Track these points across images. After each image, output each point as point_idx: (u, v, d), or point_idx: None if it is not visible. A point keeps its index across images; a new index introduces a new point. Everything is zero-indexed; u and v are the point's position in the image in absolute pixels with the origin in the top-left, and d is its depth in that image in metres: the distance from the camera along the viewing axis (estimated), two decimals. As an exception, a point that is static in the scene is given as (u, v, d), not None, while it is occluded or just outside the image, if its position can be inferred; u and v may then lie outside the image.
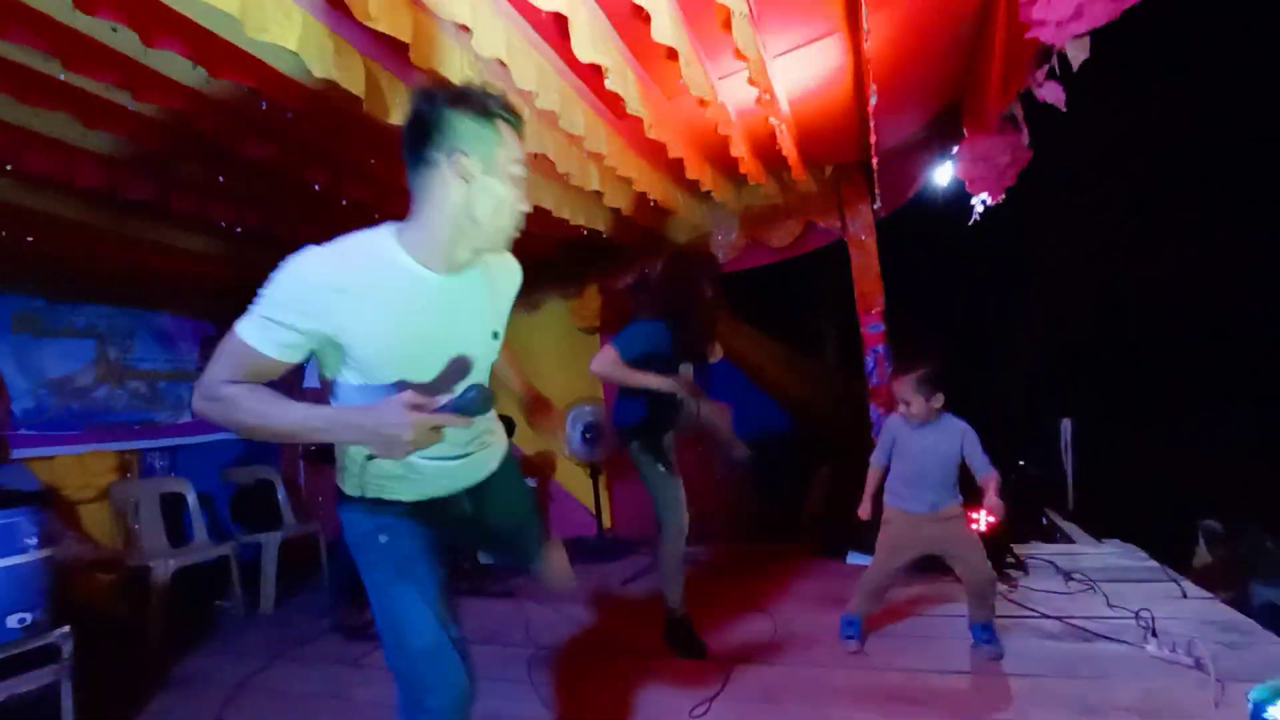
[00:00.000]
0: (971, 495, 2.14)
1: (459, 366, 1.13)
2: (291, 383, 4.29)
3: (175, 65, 1.76)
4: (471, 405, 1.02)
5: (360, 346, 1.03)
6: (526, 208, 1.11)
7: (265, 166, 2.39)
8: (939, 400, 2.09)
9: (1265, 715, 1.32)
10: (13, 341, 3.23)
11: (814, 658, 2.20)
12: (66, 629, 1.83)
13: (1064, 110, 2.08)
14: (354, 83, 1.71)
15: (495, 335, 1.21)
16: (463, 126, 1.01)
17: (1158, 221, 6.58)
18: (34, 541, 1.80)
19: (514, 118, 1.07)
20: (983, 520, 2.57)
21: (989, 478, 2.03)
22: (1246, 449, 5.70)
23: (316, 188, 2.50)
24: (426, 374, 1.10)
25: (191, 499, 3.39)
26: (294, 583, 3.68)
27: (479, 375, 1.19)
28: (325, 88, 1.92)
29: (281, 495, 3.85)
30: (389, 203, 2.79)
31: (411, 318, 1.05)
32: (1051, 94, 2.08)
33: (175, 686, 2.46)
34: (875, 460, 2.25)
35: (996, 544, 2.81)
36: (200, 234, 3.03)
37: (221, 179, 2.44)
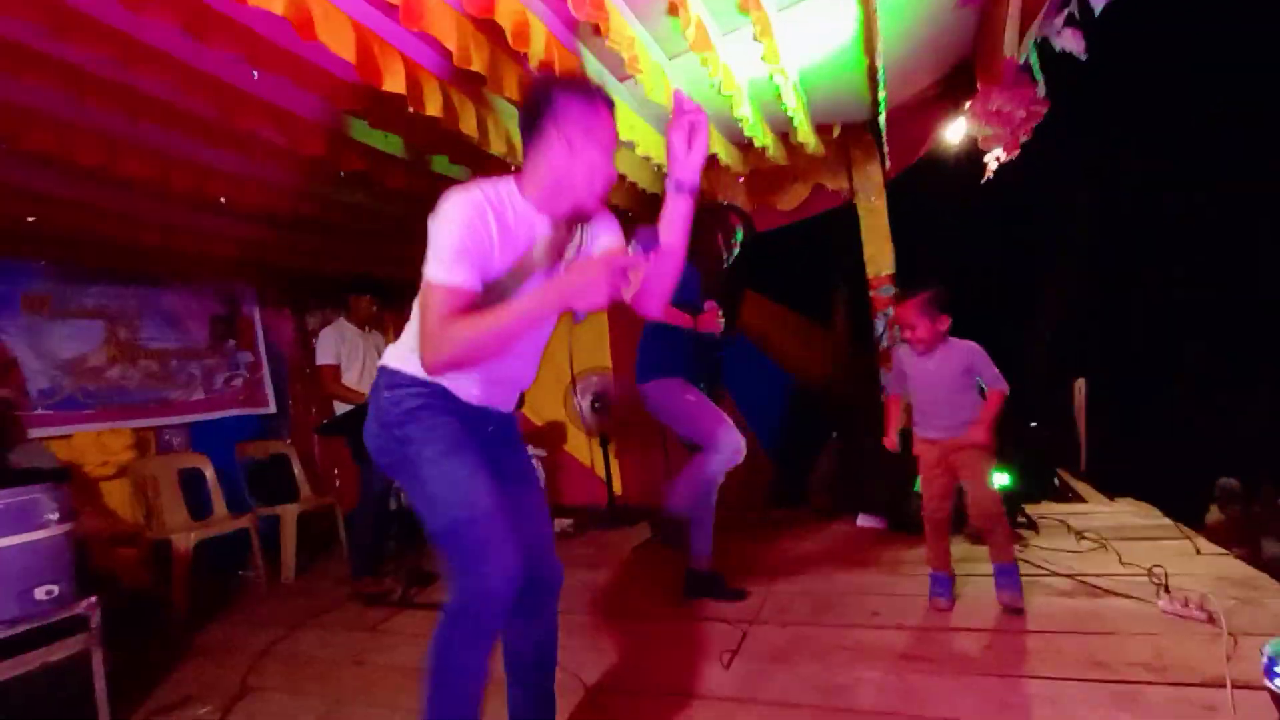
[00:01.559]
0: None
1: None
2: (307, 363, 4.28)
3: (167, 36, 1.72)
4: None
5: (494, 261, 1.24)
6: (614, 175, 1.32)
7: (261, 141, 2.36)
8: (944, 323, 2.07)
9: (1279, 669, 1.32)
10: (25, 324, 3.26)
11: (825, 618, 2.22)
12: (93, 599, 1.87)
13: (1084, 59, 2.00)
14: (344, 49, 1.66)
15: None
16: (568, 103, 1.25)
17: (1179, 179, 6.40)
18: (55, 516, 1.83)
19: (609, 100, 1.29)
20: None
21: (994, 390, 2.04)
22: (1261, 410, 5.64)
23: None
24: (528, 284, 1.30)
25: (210, 474, 3.46)
26: (313, 553, 3.76)
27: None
28: (319, 57, 1.87)
29: (297, 469, 3.91)
30: (384, 172, 2.75)
31: (520, 242, 1.29)
32: (1071, 42, 2.00)
33: (200, 654, 2.54)
34: (889, 387, 2.31)
35: (1008, 502, 2.80)
36: (205, 213, 3.01)
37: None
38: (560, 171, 1.26)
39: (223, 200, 2.72)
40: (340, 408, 3.29)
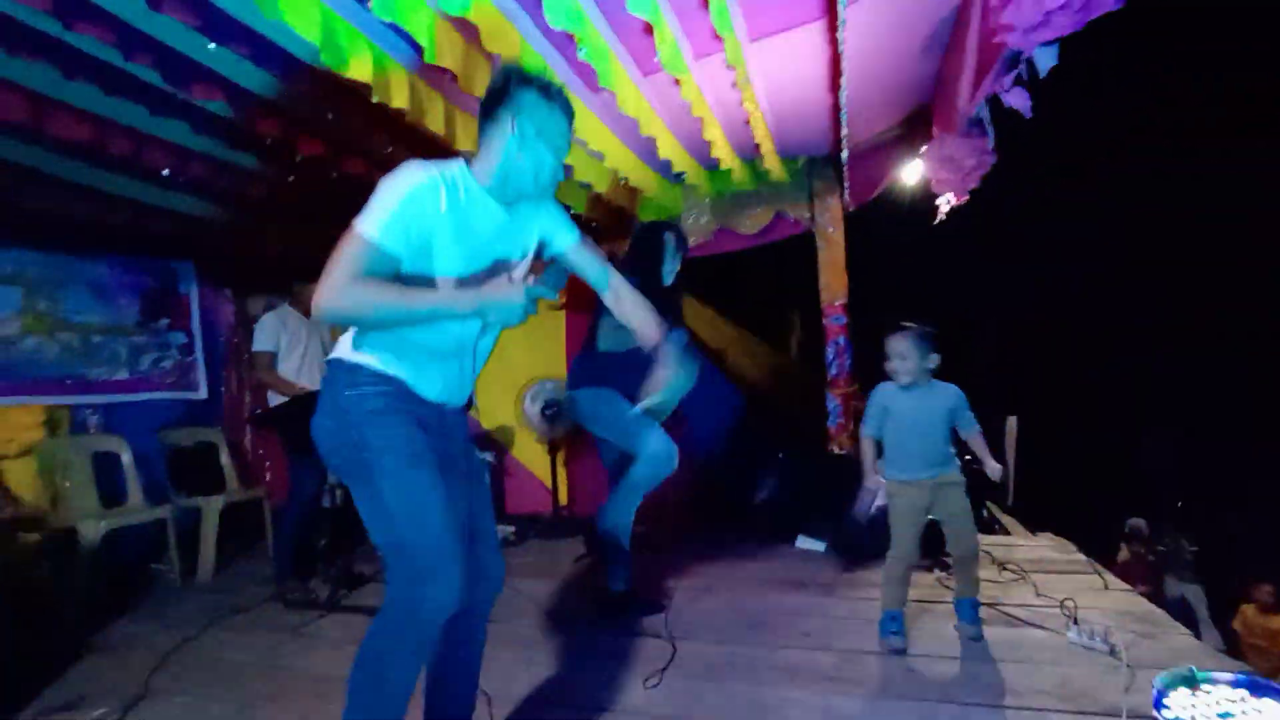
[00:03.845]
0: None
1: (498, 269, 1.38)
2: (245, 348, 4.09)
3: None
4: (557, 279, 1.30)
5: (440, 241, 1.23)
6: (560, 174, 1.38)
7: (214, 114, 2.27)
8: (934, 361, 2.09)
9: (1165, 701, 1.41)
10: (-70, 285, 3.01)
11: (758, 638, 2.25)
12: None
13: (1029, 117, 2.12)
14: (311, 31, 1.62)
15: (524, 254, 1.45)
16: (527, 98, 1.28)
17: (1110, 234, 6.87)
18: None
19: (567, 104, 1.34)
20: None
21: (977, 434, 2.13)
22: (1167, 454, 6.07)
23: (269, 142, 2.37)
24: (477, 269, 1.31)
25: (126, 459, 3.25)
26: (237, 550, 3.57)
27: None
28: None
29: (225, 459, 3.72)
30: (343, 159, 2.68)
31: (476, 225, 1.30)
32: (1017, 100, 2.12)
33: (101, 652, 2.37)
34: (866, 431, 2.23)
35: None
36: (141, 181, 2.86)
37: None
38: (509, 161, 1.29)
39: (165, 173, 2.58)
40: (275, 398, 3.16)
